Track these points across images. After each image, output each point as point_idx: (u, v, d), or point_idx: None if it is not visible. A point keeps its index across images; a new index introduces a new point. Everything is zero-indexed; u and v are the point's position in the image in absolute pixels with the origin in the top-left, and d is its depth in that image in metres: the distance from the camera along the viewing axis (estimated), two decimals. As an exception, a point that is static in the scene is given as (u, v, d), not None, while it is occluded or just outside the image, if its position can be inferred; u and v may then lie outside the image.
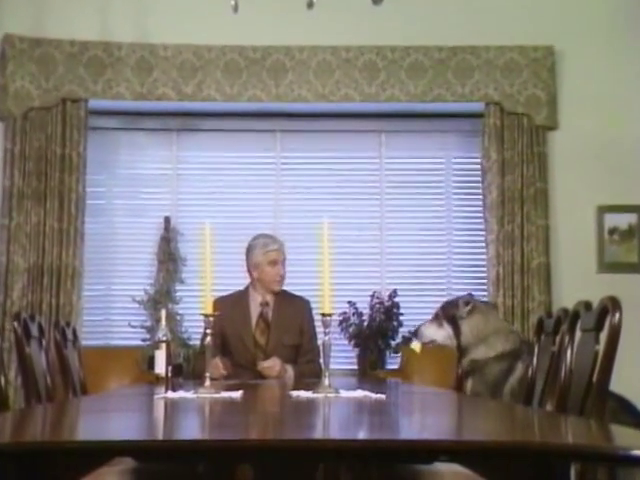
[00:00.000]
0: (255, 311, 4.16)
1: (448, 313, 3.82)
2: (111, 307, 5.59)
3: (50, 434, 1.98)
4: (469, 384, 3.71)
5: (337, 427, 2.19)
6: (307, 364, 4.07)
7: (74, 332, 4.00)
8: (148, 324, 5.34)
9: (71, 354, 3.81)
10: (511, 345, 3.69)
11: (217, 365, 3.87)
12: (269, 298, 4.18)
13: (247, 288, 4.25)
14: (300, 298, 4.24)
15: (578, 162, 5.47)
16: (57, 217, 5.28)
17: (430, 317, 3.96)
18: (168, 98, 5.41)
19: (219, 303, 4.03)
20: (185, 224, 5.57)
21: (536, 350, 3.26)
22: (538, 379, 3.16)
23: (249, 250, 4.24)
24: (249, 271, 4.23)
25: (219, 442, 1.79)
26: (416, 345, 3.92)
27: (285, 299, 4.20)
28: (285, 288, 4.29)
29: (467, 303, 3.80)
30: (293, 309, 4.16)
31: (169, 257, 5.45)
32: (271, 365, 3.96)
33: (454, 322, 3.77)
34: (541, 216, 5.38)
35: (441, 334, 3.83)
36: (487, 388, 3.64)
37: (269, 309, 4.16)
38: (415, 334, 3.98)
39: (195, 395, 2.79)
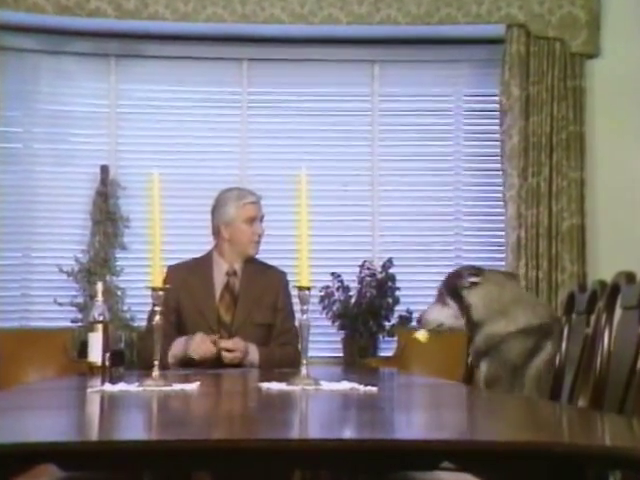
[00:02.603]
0: (220, 281, 4.15)
1: (450, 286, 3.84)
2: (31, 279, 5.56)
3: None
4: (483, 367, 3.73)
5: (316, 425, 2.22)
6: (281, 347, 4.07)
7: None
8: (80, 301, 5.33)
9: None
10: (539, 319, 3.69)
11: (204, 340, 3.91)
12: (237, 267, 4.17)
13: (210, 254, 4.23)
14: (275, 269, 4.24)
15: (624, 99, 5.46)
16: (-39, 165, 5.24)
17: (433, 299, 3.99)
18: (104, 14, 5.34)
19: (174, 271, 4.03)
20: (127, 175, 5.54)
21: (565, 332, 3.29)
22: (568, 368, 3.18)
23: (218, 205, 4.21)
24: (216, 232, 4.20)
25: (170, 443, 1.79)
26: (421, 334, 3.91)
27: (257, 269, 4.19)
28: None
29: (472, 273, 3.82)
30: (266, 281, 4.17)
31: (107, 217, 5.43)
32: (233, 348, 3.95)
33: (458, 295, 3.79)
34: (575, 167, 5.39)
35: (446, 314, 3.85)
36: (506, 370, 3.66)
37: (237, 279, 4.16)
38: (420, 322, 3.98)
39: (140, 388, 2.80)
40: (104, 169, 5.50)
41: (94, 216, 5.46)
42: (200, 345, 3.95)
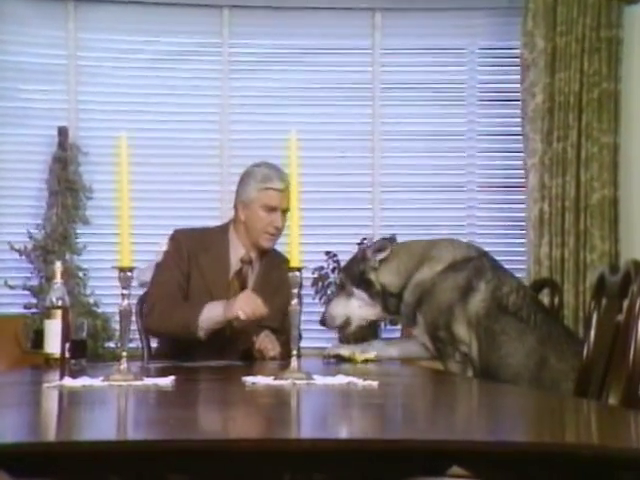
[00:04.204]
0: (233, 266, 4.11)
1: (354, 273, 3.93)
2: (-22, 259, 5.58)
3: None
4: (420, 319, 3.84)
5: (309, 424, 2.23)
6: (284, 346, 3.98)
7: None
8: (34, 283, 5.35)
9: None
10: (463, 252, 3.87)
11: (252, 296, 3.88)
12: (254, 255, 4.11)
13: (226, 229, 4.17)
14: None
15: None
16: None
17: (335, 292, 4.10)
18: (62, -48, 5.34)
19: (183, 237, 4.03)
20: (89, 138, 5.55)
21: (594, 320, 3.30)
22: (597, 361, 3.20)
23: (242, 179, 4.14)
24: (235, 207, 4.16)
25: (140, 444, 1.80)
26: (356, 355, 3.91)
27: (273, 260, 4.09)
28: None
29: (378, 249, 3.92)
30: (279, 277, 3.99)
31: (66, 186, 5.43)
32: (269, 346, 3.94)
33: (365, 281, 3.89)
34: (607, 130, 5.40)
35: (353, 306, 3.94)
36: (441, 313, 3.79)
37: (251, 270, 4.11)
38: (323, 323, 4.04)
39: (105, 383, 2.80)
40: (62, 131, 5.50)
41: (51, 185, 5.45)
42: (247, 302, 3.85)
